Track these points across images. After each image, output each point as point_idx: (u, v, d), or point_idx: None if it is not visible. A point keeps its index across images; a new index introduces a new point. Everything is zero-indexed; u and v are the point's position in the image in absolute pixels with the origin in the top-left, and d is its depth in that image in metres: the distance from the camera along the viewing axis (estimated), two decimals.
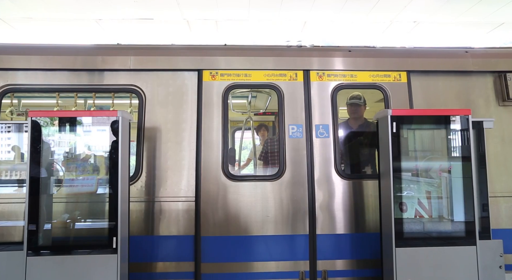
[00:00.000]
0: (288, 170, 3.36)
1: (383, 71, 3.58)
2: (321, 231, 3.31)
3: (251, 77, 3.50)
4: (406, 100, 3.54)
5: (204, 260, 3.20)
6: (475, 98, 3.61)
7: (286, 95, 3.49)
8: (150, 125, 3.38)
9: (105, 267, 2.71)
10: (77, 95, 3.91)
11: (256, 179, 3.42)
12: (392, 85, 3.57)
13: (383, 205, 3.10)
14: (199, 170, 3.31)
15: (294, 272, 3.24)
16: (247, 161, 6.35)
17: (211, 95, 3.44)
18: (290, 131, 3.42)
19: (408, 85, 3.58)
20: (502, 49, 4.00)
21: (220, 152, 3.34)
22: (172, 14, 5.18)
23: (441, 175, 3.15)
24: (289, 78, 3.50)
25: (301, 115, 3.46)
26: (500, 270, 3.07)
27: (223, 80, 3.46)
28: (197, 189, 3.28)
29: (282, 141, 3.41)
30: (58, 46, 3.74)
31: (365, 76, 3.57)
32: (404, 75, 3.59)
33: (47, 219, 2.86)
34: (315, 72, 3.55)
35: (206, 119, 3.38)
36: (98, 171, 3.01)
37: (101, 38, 5.84)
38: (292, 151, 3.39)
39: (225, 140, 3.37)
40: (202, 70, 3.47)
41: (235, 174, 3.39)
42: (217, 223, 3.26)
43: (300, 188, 3.34)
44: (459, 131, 3.07)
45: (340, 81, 3.55)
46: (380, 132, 3.21)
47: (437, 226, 3.10)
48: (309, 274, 3.24)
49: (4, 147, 3.61)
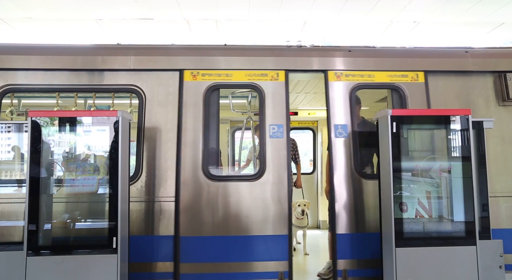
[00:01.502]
0: (268, 170, 3.35)
1: (400, 71, 3.58)
2: None
3: (233, 77, 3.49)
4: (423, 100, 3.53)
5: (184, 260, 3.18)
6: (475, 98, 3.61)
7: (267, 95, 3.48)
8: (150, 125, 3.38)
9: (105, 267, 2.72)
10: (77, 95, 3.92)
11: (236, 179, 3.40)
12: (409, 85, 3.57)
13: (383, 205, 3.10)
14: (179, 170, 3.30)
15: (273, 273, 3.22)
16: (247, 162, 6.32)
17: (192, 95, 3.43)
18: (271, 131, 3.41)
19: (426, 85, 3.57)
20: (502, 49, 4.00)
21: (200, 152, 3.33)
22: (172, 14, 5.17)
23: (441, 175, 3.15)
24: (271, 78, 3.49)
25: (282, 115, 3.44)
26: (500, 270, 3.07)
27: (204, 80, 3.45)
28: (177, 189, 3.27)
29: (262, 141, 3.39)
30: (58, 46, 3.74)
31: (383, 76, 3.57)
32: (422, 75, 3.59)
33: (47, 219, 2.86)
34: (333, 72, 3.55)
35: (187, 119, 3.36)
36: (98, 171, 3.01)
37: (101, 38, 5.84)
38: (272, 151, 3.38)
39: (206, 140, 3.36)
40: (184, 70, 3.46)
41: (215, 174, 3.36)
42: (196, 223, 3.25)
43: (280, 188, 3.33)
44: (459, 131, 3.07)
45: (358, 81, 3.55)
46: (380, 132, 3.21)
47: (437, 226, 3.10)
48: (288, 275, 3.23)
49: (4, 147, 3.61)
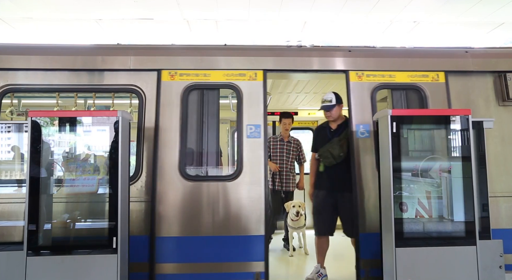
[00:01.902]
0: (245, 170, 3.33)
1: (421, 71, 3.58)
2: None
3: (211, 77, 3.47)
4: (444, 100, 3.53)
5: (159, 260, 3.16)
6: (475, 98, 3.61)
7: (245, 95, 3.46)
8: (150, 125, 3.38)
9: (105, 267, 2.71)
10: (77, 95, 3.92)
11: (212, 180, 3.36)
12: (430, 85, 3.56)
13: (383, 205, 3.10)
14: (156, 170, 3.28)
15: (249, 273, 3.21)
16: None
17: (170, 95, 3.41)
18: (248, 131, 3.39)
19: (446, 85, 3.57)
20: (502, 49, 4.00)
21: (177, 152, 3.31)
22: (172, 14, 5.17)
23: (441, 175, 3.15)
24: (249, 78, 3.47)
25: (259, 115, 3.43)
26: (500, 270, 3.07)
27: (182, 80, 3.43)
28: (153, 189, 3.25)
29: (239, 141, 3.38)
30: (58, 46, 3.75)
31: (403, 76, 3.57)
32: (442, 75, 3.58)
33: (47, 219, 2.86)
34: (355, 73, 3.55)
35: (164, 119, 3.34)
36: (98, 171, 3.01)
37: (101, 38, 5.84)
38: (249, 151, 3.36)
39: (183, 140, 3.34)
40: (161, 70, 3.44)
41: (192, 174, 3.35)
42: (172, 223, 3.22)
43: (257, 188, 3.31)
44: (459, 131, 3.07)
45: (380, 82, 3.55)
46: (380, 132, 3.21)
47: (437, 226, 3.10)
48: (264, 275, 3.21)
49: (4, 147, 3.61)
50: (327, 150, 3.64)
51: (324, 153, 3.67)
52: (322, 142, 3.78)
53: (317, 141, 3.92)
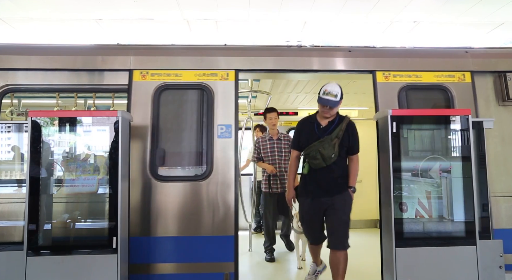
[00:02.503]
0: (215, 170, 3.32)
1: (447, 71, 3.59)
2: None
3: (182, 77, 3.46)
4: (471, 101, 3.53)
5: (133, 261, 3.14)
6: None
7: (216, 95, 3.44)
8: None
9: (105, 267, 2.72)
10: (77, 95, 3.92)
11: (182, 180, 3.34)
12: (456, 85, 3.57)
13: (383, 205, 3.10)
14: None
15: (219, 274, 3.19)
16: (247, 162, 6.31)
17: (141, 95, 3.40)
18: (219, 131, 3.38)
19: (473, 85, 3.57)
20: (502, 49, 4.00)
21: (148, 152, 3.30)
22: (172, 14, 5.18)
23: (441, 175, 3.15)
24: (220, 78, 3.47)
25: (231, 115, 3.41)
26: (500, 270, 3.07)
27: (153, 80, 3.42)
28: None
29: (210, 141, 3.36)
30: (58, 46, 3.74)
31: (430, 77, 3.58)
32: (468, 75, 3.59)
33: (47, 219, 2.86)
34: (382, 73, 3.56)
35: (136, 119, 3.31)
36: (98, 171, 3.01)
37: (101, 38, 5.84)
38: (220, 151, 3.35)
39: (154, 140, 3.32)
40: (133, 70, 3.44)
41: (162, 174, 3.33)
42: (143, 223, 3.21)
43: (227, 189, 3.30)
44: (459, 131, 3.07)
45: (407, 82, 3.56)
46: (380, 132, 3.21)
47: (437, 226, 3.10)
48: (234, 276, 3.20)
49: (4, 147, 3.61)
50: (316, 150, 3.07)
51: (311, 152, 3.10)
52: (308, 140, 3.19)
53: (300, 137, 3.31)
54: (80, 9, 4.96)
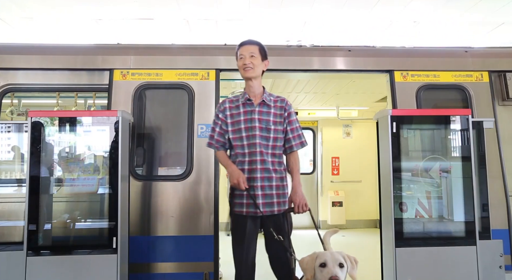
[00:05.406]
0: (195, 170, 3.32)
1: (465, 71, 3.60)
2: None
3: (163, 77, 3.46)
4: (489, 100, 3.55)
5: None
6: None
7: (197, 94, 3.44)
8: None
9: (105, 267, 2.72)
10: (77, 95, 3.92)
11: (162, 179, 3.33)
12: (474, 85, 3.58)
13: (383, 205, 3.10)
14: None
15: (198, 274, 3.18)
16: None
17: (121, 94, 3.40)
18: (199, 130, 3.38)
19: (490, 85, 3.59)
20: (502, 49, 4.00)
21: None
22: (172, 14, 5.17)
23: (441, 175, 3.15)
24: (201, 77, 3.47)
25: (211, 115, 3.38)
26: (500, 270, 3.07)
27: (134, 80, 3.42)
28: None
29: (190, 141, 3.36)
30: (58, 46, 3.75)
31: (448, 76, 3.59)
32: (486, 74, 3.60)
33: (47, 219, 2.86)
34: (399, 73, 3.57)
35: None
36: (98, 171, 3.01)
37: (101, 38, 5.84)
38: (200, 151, 3.34)
39: (134, 140, 3.32)
40: (113, 70, 3.44)
41: (141, 173, 3.34)
42: None
43: (207, 188, 3.30)
44: (459, 131, 3.07)
45: (424, 81, 3.57)
46: (380, 132, 3.20)
47: (437, 226, 3.10)
48: (213, 275, 3.19)
49: (4, 147, 3.61)
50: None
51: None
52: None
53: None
54: (80, 9, 4.97)
